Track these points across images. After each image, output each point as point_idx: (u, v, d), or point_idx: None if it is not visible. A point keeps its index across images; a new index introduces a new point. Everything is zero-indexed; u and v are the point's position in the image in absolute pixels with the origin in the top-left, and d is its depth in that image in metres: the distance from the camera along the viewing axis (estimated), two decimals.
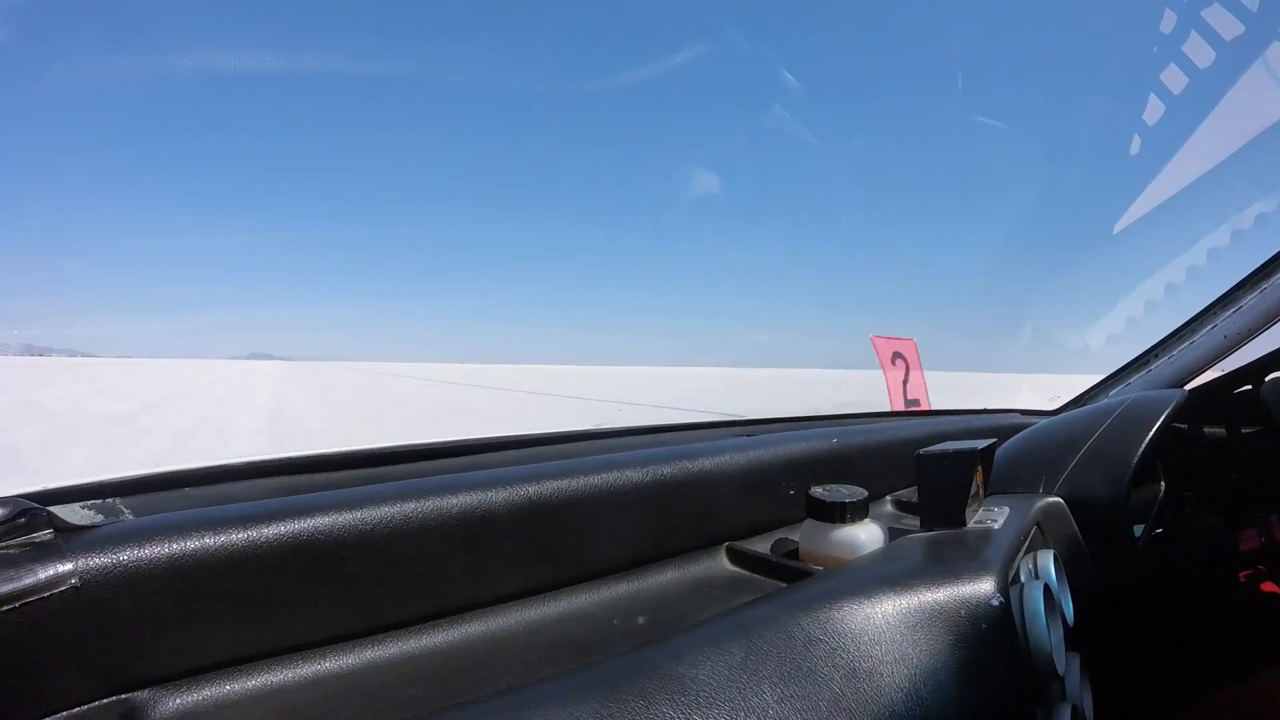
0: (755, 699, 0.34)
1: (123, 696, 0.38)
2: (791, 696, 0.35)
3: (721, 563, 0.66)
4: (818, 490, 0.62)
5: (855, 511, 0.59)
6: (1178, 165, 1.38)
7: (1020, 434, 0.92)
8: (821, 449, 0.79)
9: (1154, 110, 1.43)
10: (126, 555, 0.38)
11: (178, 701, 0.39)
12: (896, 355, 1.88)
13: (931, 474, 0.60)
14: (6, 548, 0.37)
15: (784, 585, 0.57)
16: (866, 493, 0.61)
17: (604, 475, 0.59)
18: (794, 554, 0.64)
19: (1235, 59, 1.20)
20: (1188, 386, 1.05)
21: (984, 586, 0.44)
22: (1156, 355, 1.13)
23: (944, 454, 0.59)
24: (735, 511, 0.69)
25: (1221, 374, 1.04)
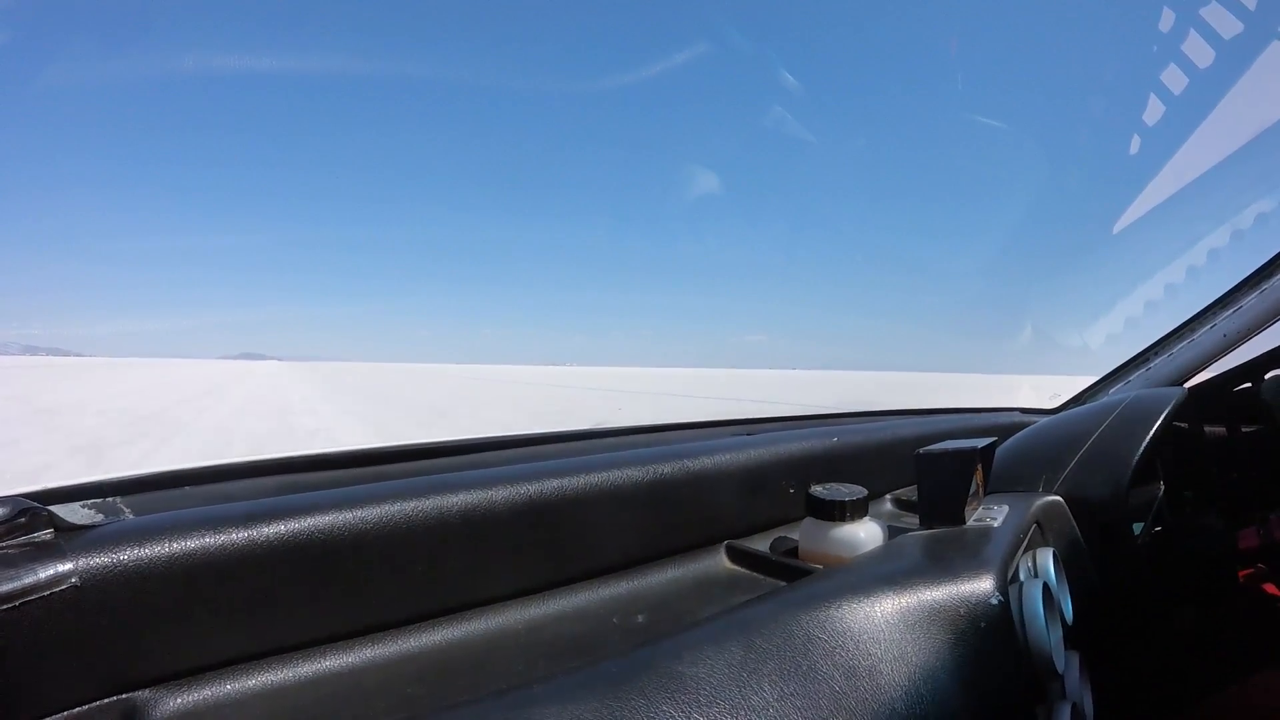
0: (755, 697, 0.34)
1: (123, 696, 0.38)
2: (791, 695, 0.35)
3: (721, 561, 0.66)
4: (817, 489, 0.62)
5: (855, 510, 0.59)
6: (1177, 165, 1.38)
7: (1020, 433, 0.92)
8: (821, 448, 0.79)
9: (1154, 110, 1.43)
10: (127, 555, 0.38)
11: (178, 701, 0.39)
12: None
13: (931, 473, 0.60)
14: (6, 547, 0.37)
15: (783, 584, 0.57)
16: (866, 491, 0.61)
17: (604, 474, 0.59)
18: (793, 552, 0.64)
19: (1235, 59, 1.20)
20: (1187, 384, 1.05)
21: (983, 585, 0.44)
22: (1156, 353, 1.13)
23: (944, 453, 0.59)
24: (735, 510, 0.69)
25: (1220, 372, 1.04)
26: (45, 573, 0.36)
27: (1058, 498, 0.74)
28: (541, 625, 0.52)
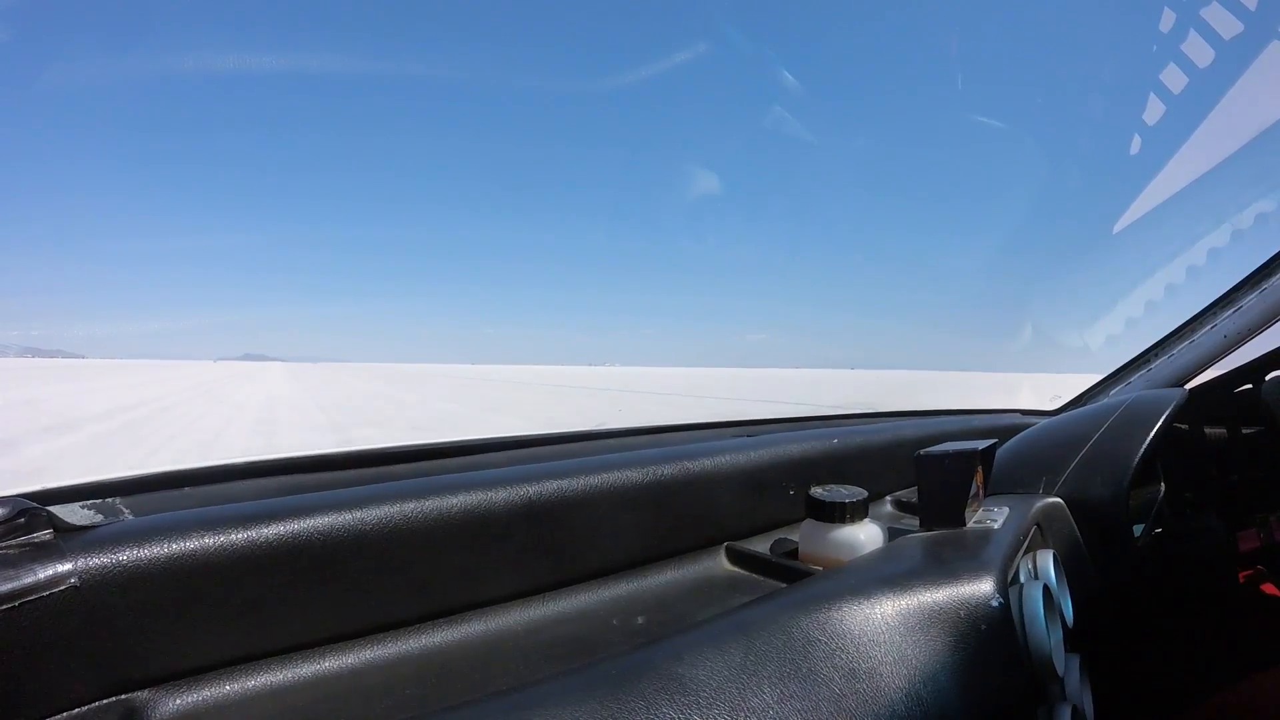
0: (755, 699, 0.34)
1: (123, 696, 0.38)
2: (791, 697, 0.35)
3: (721, 563, 0.66)
4: (817, 490, 0.61)
5: (855, 511, 0.59)
6: (1178, 165, 1.38)
7: (1020, 434, 0.92)
8: (821, 449, 0.79)
9: (1154, 110, 1.43)
10: (126, 555, 0.38)
11: (178, 701, 0.39)
12: None
13: (931, 474, 0.60)
14: (6, 548, 0.37)
15: (783, 585, 0.57)
16: (866, 493, 0.61)
17: (604, 475, 0.59)
18: (793, 554, 0.64)
19: (1235, 59, 1.20)
20: (1188, 386, 1.05)
21: (983, 587, 0.44)
22: (1156, 354, 1.13)
23: (944, 454, 0.59)
24: (735, 512, 0.69)
25: (1221, 373, 1.04)
26: (44, 573, 0.36)
27: (1058, 499, 0.74)
28: (541, 626, 0.52)
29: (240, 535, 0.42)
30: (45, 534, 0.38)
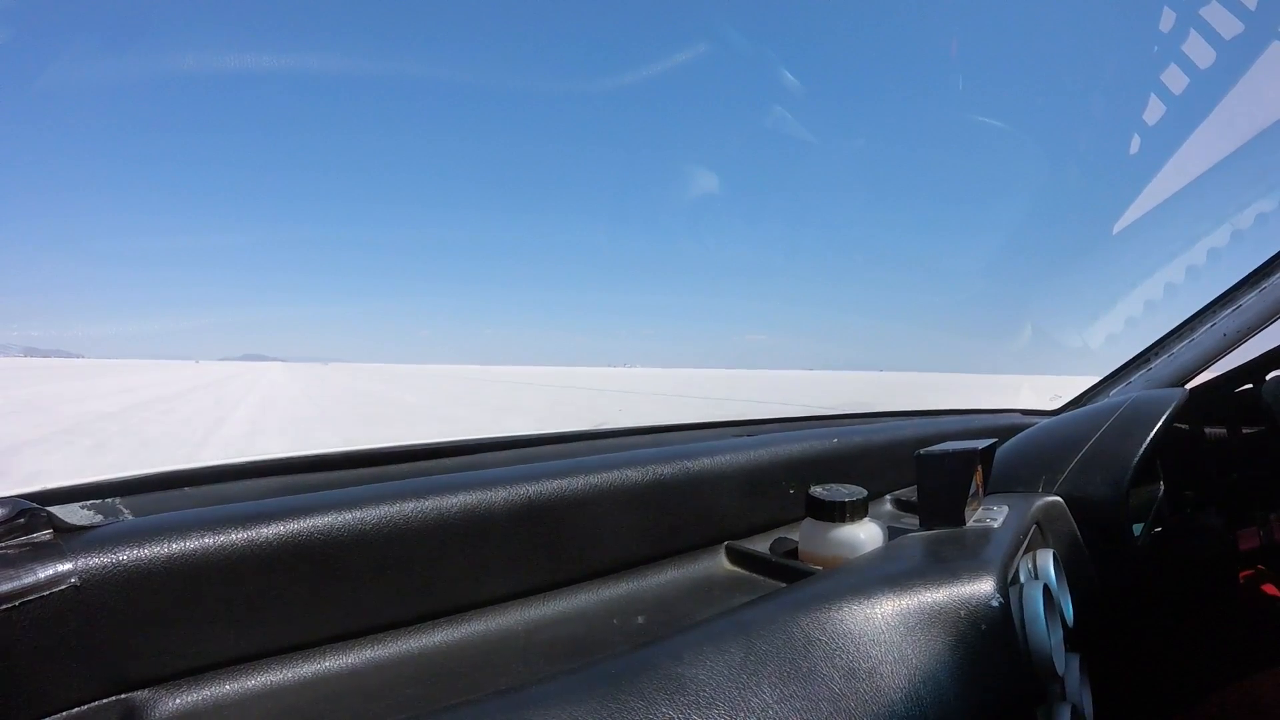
0: (754, 699, 0.34)
1: (122, 696, 0.38)
2: (790, 696, 0.35)
3: (721, 562, 0.66)
4: (817, 489, 0.61)
5: (854, 511, 0.59)
6: (1177, 165, 1.38)
7: (1020, 434, 0.92)
8: (821, 449, 0.79)
9: (1154, 110, 1.43)
10: (126, 555, 0.38)
11: (178, 701, 0.39)
12: None
13: (931, 474, 0.60)
14: (6, 548, 0.37)
15: (783, 585, 0.57)
16: (866, 492, 0.61)
17: (604, 475, 0.59)
18: (793, 553, 0.64)
19: (1235, 59, 1.20)
20: (1188, 385, 1.05)
21: (983, 587, 0.44)
22: (1156, 354, 1.13)
23: (944, 454, 0.59)
24: (735, 511, 0.69)
25: (1221, 373, 1.04)
26: (44, 573, 0.36)
27: (1058, 498, 0.74)
28: (541, 626, 0.52)
29: (240, 535, 0.42)
30: (45, 534, 0.38)
